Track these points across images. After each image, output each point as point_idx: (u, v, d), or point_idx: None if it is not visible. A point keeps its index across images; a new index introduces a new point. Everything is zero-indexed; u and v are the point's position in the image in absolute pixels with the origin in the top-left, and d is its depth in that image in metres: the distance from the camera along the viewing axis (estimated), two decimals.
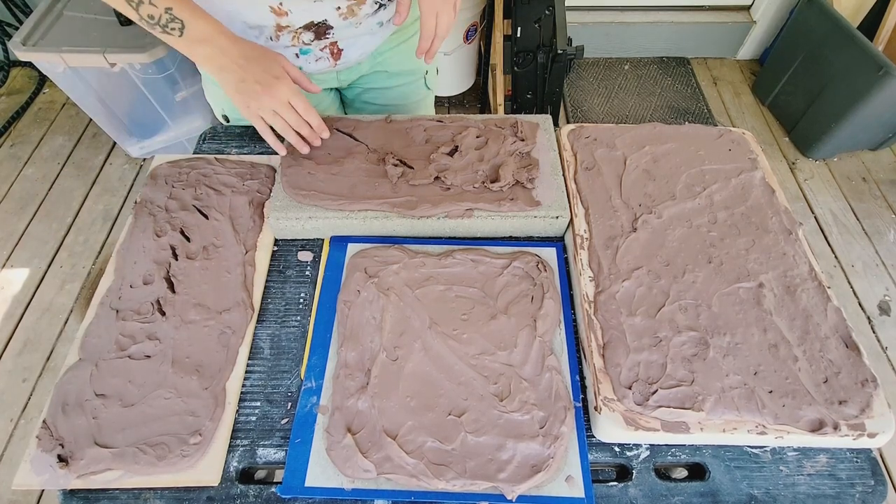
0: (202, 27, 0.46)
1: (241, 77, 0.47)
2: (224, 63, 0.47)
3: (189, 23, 0.45)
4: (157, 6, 0.43)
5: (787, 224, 0.55)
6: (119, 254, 0.55)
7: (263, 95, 0.48)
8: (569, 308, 0.53)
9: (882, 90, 1.31)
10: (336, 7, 0.55)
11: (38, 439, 0.43)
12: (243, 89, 0.48)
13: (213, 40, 0.47)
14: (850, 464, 0.45)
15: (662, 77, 1.83)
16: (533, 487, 0.42)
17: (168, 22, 0.44)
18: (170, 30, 0.45)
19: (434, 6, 0.53)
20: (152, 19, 0.44)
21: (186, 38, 0.46)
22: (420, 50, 0.57)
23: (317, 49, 0.60)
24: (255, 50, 0.49)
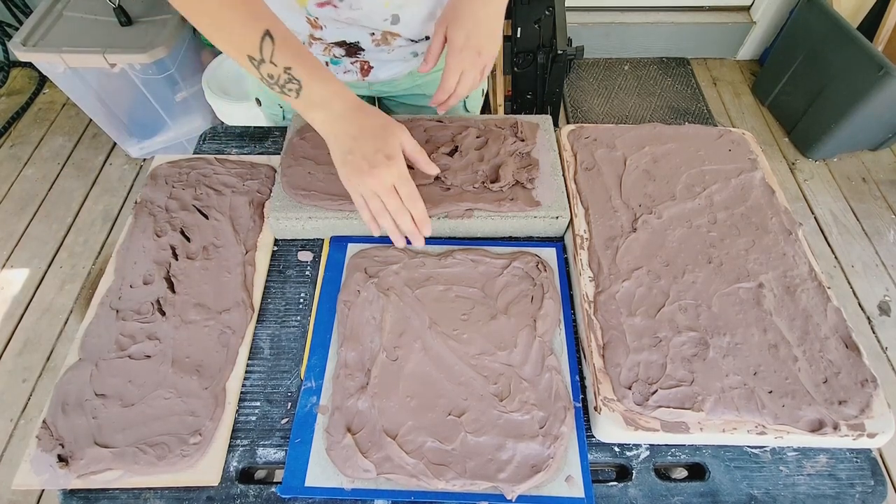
0: (319, 90, 0.43)
1: (350, 149, 0.44)
2: (336, 131, 0.44)
3: (306, 85, 0.43)
4: (276, 65, 0.41)
5: (786, 224, 0.55)
6: (119, 254, 0.55)
7: (368, 175, 0.43)
8: (569, 308, 0.53)
9: (882, 90, 1.31)
10: (370, 33, 0.55)
11: (37, 439, 0.43)
12: (349, 162, 0.44)
13: (329, 105, 0.44)
14: (849, 464, 0.45)
15: (662, 77, 1.84)
16: (533, 487, 0.42)
17: (286, 82, 0.42)
18: (287, 90, 0.43)
19: (461, 64, 0.51)
20: (272, 79, 0.42)
21: (303, 99, 0.43)
22: (434, 100, 0.56)
23: (347, 63, 0.61)
24: (374, 121, 0.45)
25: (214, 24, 0.41)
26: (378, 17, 0.53)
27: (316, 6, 0.50)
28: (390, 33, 0.55)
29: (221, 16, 0.40)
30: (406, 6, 0.52)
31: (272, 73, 0.42)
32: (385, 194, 0.44)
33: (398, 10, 0.53)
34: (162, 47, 1.18)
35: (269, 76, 0.42)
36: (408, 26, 0.55)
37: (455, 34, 0.50)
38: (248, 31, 0.41)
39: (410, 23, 0.55)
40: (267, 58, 0.41)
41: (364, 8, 0.51)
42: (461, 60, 0.51)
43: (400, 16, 0.53)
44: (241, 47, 0.41)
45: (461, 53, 0.51)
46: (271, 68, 0.41)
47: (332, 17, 0.52)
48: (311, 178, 0.57)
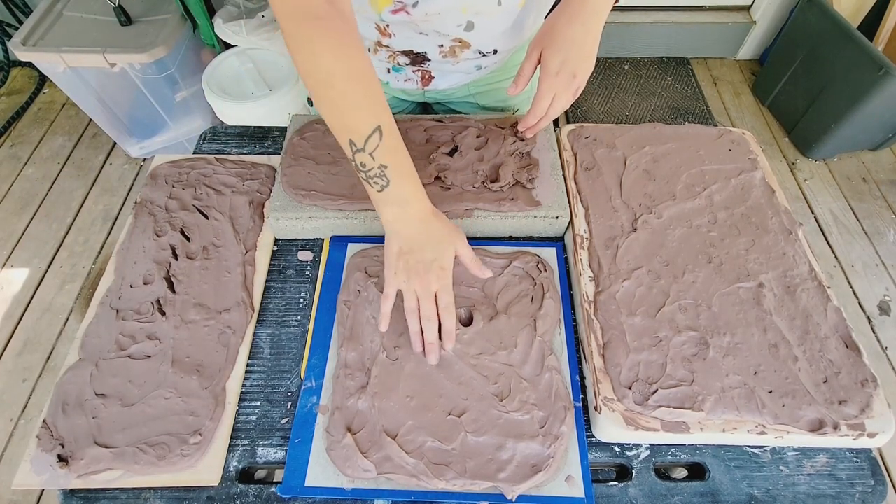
0: (402, 192, 0.44)
1: (410, 249, 0.45)
2: (401, 229, 0.45)
3: (393, 184, 0.43)
4: (374, 159, 0.42)
5: (787, 224, 0.55)
6: (119, 254, 0.55)
7: (415, 276, 0.44)
8: (569, 308, 0.53)
9: (882, 90, 1.31)
10: (439, 45, 0.55)
11: (38, 439, 0.43)
12: (403, 259, 0.45)
13: (405, 206, 0.45)
14: (849, 464, 0.45)
15: (662, 77, 1.83)
16: (533, 487, 0.42)
17: (376, 176, 0.43)
18: (372, 182, 0.43)
19: (553, 88, 0.50)
20: (363, 167, 0.43)
21: (384, 195, 0.44)
22: (524, 125, 0.56)
23: (409, 71, 0.61)
24: (439, 230, 0.46)
25: (333, 102, 0.42)
26: (452, 22, 0.52)
27: (390, 13, 0.50)
28: (459, 44, 0.55)
29: (343, 100, 0.41)
30: (483, 14, 0.52)
31: (365, 163, 0.43)
32: (425, 299, 0.45)
33: (474, 17, 0.52)
34: (162, 47, 1.18)
35: (362, 164, 0.43)
36: (480, 36, 0.54)
37: (550, 58, 0.49)
38: (362, 122, 0.41)
39: (483, 33, 0.54)
40: (369, 150, 0.42)
41: (440, 13, 0.50)
42: (555, 84, 0.50)
43: (475, 23, 0.52)
44: (348, 131, 0.42)
45: (556, 78, 0.50)
46: (367, 159, 0.42)
47: (405, 22, 0.51)
48: (311, 178, 0.57)
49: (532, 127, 0.56)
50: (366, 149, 0.42)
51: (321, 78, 0.41)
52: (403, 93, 0.68)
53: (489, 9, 0.51)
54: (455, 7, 0.50)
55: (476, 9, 0.51)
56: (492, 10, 0.51)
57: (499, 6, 0.51)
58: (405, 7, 0.49)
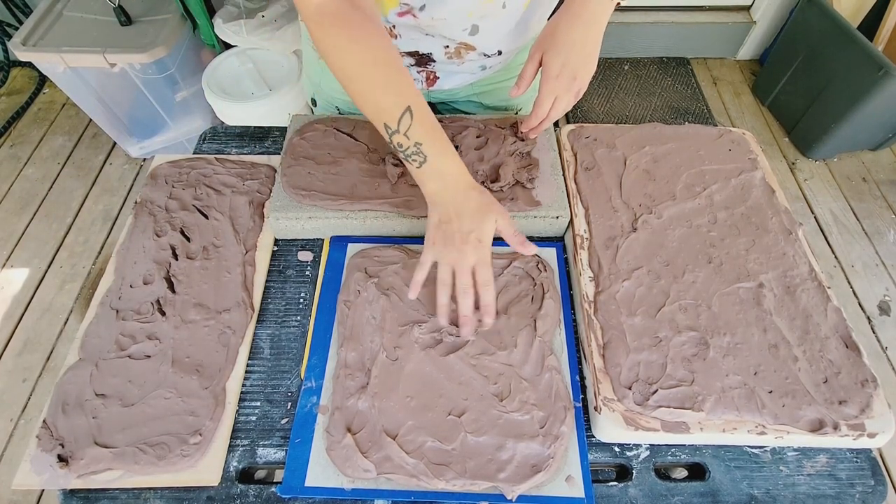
0: (440, 166, 0.46)
1: (448, 218, 0.45)
2: (444, 201, 0.46)
3: (431, 159, 0.45)
4: (409, 139, 0.44)
5: (787, 224, 0.55)
6: (119, 254, 0.55)
7: (452, 247, 0.44)
8: (569, 308, 0.53)
9: (882, 90, 1.31)
10: (444, 46, 0.55)
11: (38, 439, 0.43)
12: (442, 229, 0.45)
13: (445, 180, 0.46)
14: (849, 464, 0.45)
15: (662, 77, 1.83)
16: (533, 487, 0.42)
17: (413, 154, 0.45)
18: (411, 160, 0.45)
19: (554, 90, 0.51)
20: (400, 147, 0.45)
21: (423, 170, 0.46)
22: (526, 126, 0.56)
23: (414, 71, 0.61)
24: (479, 202, 0.46)
25: (362, 93, 0.44)
26: (458, 26, 0.52)
27: (396, 15, 0.50)
28: (465, 46, 0.55)
29: (373, 85, 0.43)
30: (487, 17, 0.52)
31: (402, 143, 0.44)
32: (462, 272, 0.45)
33: (479, 21, 0.52)
34: (162, 47, 1.18)
35: (399, 145, 0.45)
36: (485, 39, 0.55)
37: (551, 61, 0.50)
38: (392, 105, 0.43)
39: (488, 36, 0.54)
40: (402, 130, 0.44)
41: (447, 17, 0.50)
42: (556, 87, 0.51)
43: (480, 27, 0.53)
44: (381, 116, 0.44)
45: (556, 80, 0.50)
46: (403, 139, 0.44)
47: (411, 25, 0.52)
48: (311, 178, 0.57)
49: (534, 128, 0.57)
50: (400, 129, 0.43)
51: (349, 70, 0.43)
52: None
53: (494, 12, 0.51)
54: (461, 12, 0.50)
55: (481, 12, 0.51)
56: (496, 13, 0.52)
57: (503, 8, 0.51)
58: (411, 10, 0.50)
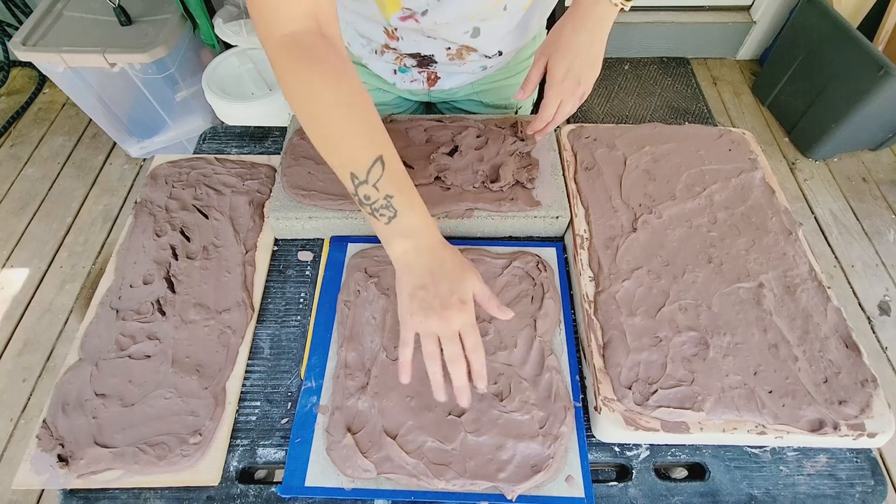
0: (412, 222, 0.41)
1: (424, 284, 0.40)
2: (415, 263, 0.41)
3: (401, 214, 0.40)
4: (378, 190, 0.39)
5: (787, 224, 0.55)
6: (119, 254, 0.55)
7: (437, 315, 0.40)
8: (569, 308, 0.52)
9: (882, 90, 1.31)
10: (446, 48, 0.55)
11: (38, 439, 0.43)
12: (419, 297, 0.40)
13: (416, 237, 0.41)
14: (849, 464, 0.45)
15: (662, 77, 1.83)
16: (533, 487, 0.42)
17: (381, 207, 0.40)
18: (379, 215, 0.40)
19: (560, 94, 0.51)
20: (367, 199, 0.40)
21: (392, 227, 0.41)
22: (531, 129, 0.57)
23: (415, 72, 0.61)
24: (453, 261, 0.42)
25: (328, 137, 0.40)
26: (459, 29, 0.52)
27: (398, 19, 0.50)
28: (467, 48, 0.55)
29: (341, 132, 0.39)
30: (489, 20, 0.52)
31: (369, 195, 0.40)
32: (448, 339, 0.40)
33: (480, 24, 0.52)
34: (162, 47, 1.18)
35: (366, 197, 0.40)
36: (486, 41, 0.55)
37: (556, 66, 0.50)
38: (361, 153, 0.39)
39: (489, 37, 0.55)
40: (371, 181, 0.39)
41: (449, 22, 0.50)
42: (561, 91, 0.51)
43: (481, 29, 0.53)
44: (348, 165, 0.40)
45: (562, 84, 0.50)
46: (372, 191, 0.40)
47: (413, 29, 0.52)
48: (311, 178, 0.57)
49: (539, 131, 0.57)
50: (369, 180, 0.39)
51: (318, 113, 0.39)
52: (409, 93, 0.68)
53: (495, 14, 0.51)
54: (463, 15, 0.50)
55: (483, 15, 0.51)
56: (498, 15, 0.52)
57: (504, 10, 0.51)
58: (414, 14, 0.49)
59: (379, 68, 0.62)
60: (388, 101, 0.70)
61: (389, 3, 0.48)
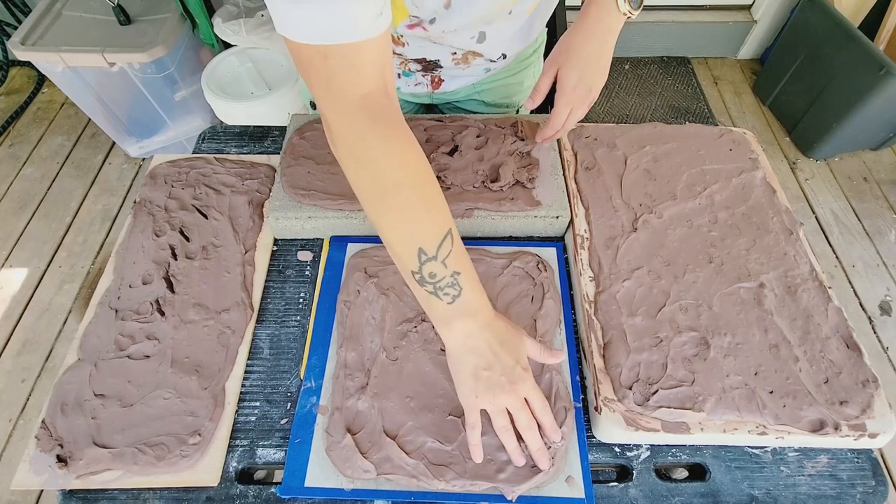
0: (474, 300, 0.39)
1: (490, 364, 0.39)
2: (478, 344, 0.39)
3: (465, 293, 0.38)
4: (446, 267, 0.37)
5: (787, 224, 0.55)
6: (118, 254, 0.55)
7: (503, 392, 0.39)
8: (569, 308, 0.52)
9: (883, 90, 1.31)
10: (452, 52, 0.55)
11: (36, 439, 0.43)
12: (486, 378, 0.39)
13: (478, 316, 0.39)
14: (850, 464, 0.45)
15: (663, 76, 1.83)
16: (533, 488, 0.42)
17: (447, 286, 0.37)
18: (442, 294, 0.38)
19: (570, 102, 0.51)
20: (432, 278, 0.37)
21: (455, 306, 0.38)
22: (540, 136, 0.57)
23: (419, 76, 0.61)
24: (507, 331, 0.41)
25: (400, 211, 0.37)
26: (466, 35, 0.52)
27: (405, 27, 0.50)
28: (472, 53, 0.55)
29: (413, 204, 0.37)
30: (494, 22, 0.52)
31: (435, 273, 0.37)
32: (518, 409, 0.39)
33: (485, 27, 0.52)
34: (161, 46, 1.18)
35: (431, 275, 0.37)
36: (491, 45, 0.55)
37: (567, 75, 0.50)
38: (433, 228, 0.37)
39: (494, 41, 0.55)
40: (441, 257, 0.37)
41: (456, 29, 0.50)
42: (572, 99, 0.51)
43: (486, 33, 0.53)
44: (417, 240, 0.37)
45: (573, 93, 0.51)
46: (439, 268, 0.37)
47: (420, 36, 0.52)
48: (310, 178, 0.57)
49: (547, 138, 0.57)
50: (438, 256, 0.37)
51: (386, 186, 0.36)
52: (412, 96, 0.68)
53: (500, 18, 0.51)
54: (471, 22, 0.50)
55: (488, 19, 0.51)
56: (503, 19, 0.52)
57: (510, 15, 0.51)
58: (422, 23, 0.49)
59: None
60: None
61: (397, 12, 0.48)
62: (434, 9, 0.47)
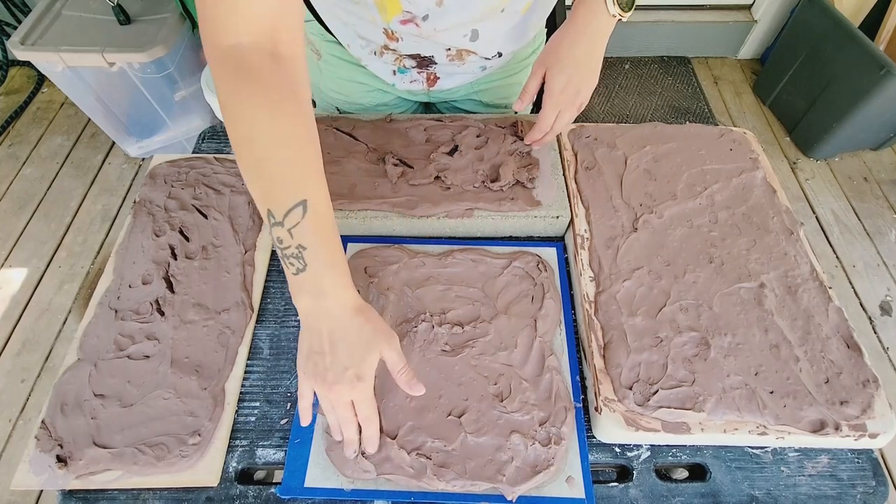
0: (319, 281, 0.37)
1: (320, 350, 0.38)
2: (314, 324, 0.38)
3: (310, 270, 0.37)
4: (292, 237, 0.36)
5: (788, 224, 0.55)
6: (118, 254, 0.55)
7: (324, 384, 0.38)
8: (569, 308, 0.52)
9: (883, 90, 1.31)
10: (446, 49, 0.55)
11: (36, 440, 0.43)
12: (313, 360, 0.38)
13: (322, 298, 0.38)
14: (851, 464, 0.45)
15: (663, 76, 1.83)
16: (533, 488, 0.42)
17: (291, 256, 0.37)
18: (288, 263, 0.37)
19: (558, 105, 0.51)
20: (280, 242, 0.37)
21: (298, 279, 0.37)
22: (529, 138, 0.57)
23: (414, 73, 0.61)
24: (361, 333, 0.39)
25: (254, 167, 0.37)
26: (459, 33, 0.53)
27: (398, 23, 0.50)
28: (466, 51, 0.55)
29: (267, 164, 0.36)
30: (486, 20, 0.52)
31: (282, 239, 0.37)
32: (339, 406, 0.39)
33: (478, 26, 0.52)
34: (161, 46, 1.18)
35: (279, 239, 0.37)
36: (484, 43, 0.55)
37: (555, 77, 0.50)
38: (284, 191, 0.36)
39: (487, 40, 0.55)
40: (287, 225, 0.36)
41: (448, 28, 0.51)
42: (560, 101, 0.51)
43: (479, 31, 0.53)
44: (267, 200, 0.36)
45: (560, 96, 0.51)
46: (284, 235, 0.36)
47: (413, 32, 0.52)
48: None
49: (537, 140, 0.57)
50: (285, 223, 0.36)
51: (244, 137, 0.36)
52: (408, 93, 0.68)
53: (492, 16, 0.51)
54: (463, 21, 0.50)
55: (481, 17, 0.51)
56: (495, 17, 0.52)
57: (502, 13, 0.51)
58: (415, 19, 0.49)
59: (378, 69, 0.62)
60: (387, 102, 0.69)
61: (390, 6, 0.48)
62: (427, 6, 0.47)
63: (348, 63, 0.63)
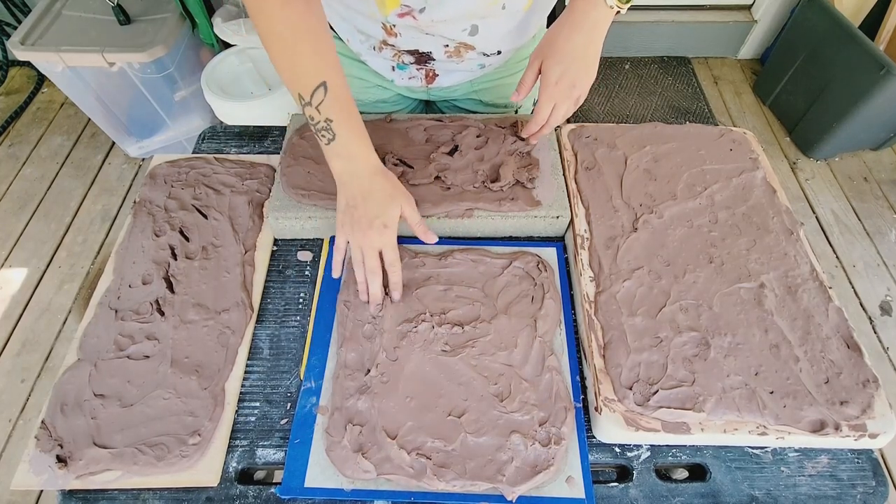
0: (348, 147, 0.46)
1: (355, 204, 0.47)
2: (348, 182, 0.48)
3: (339, 138, 0.46)
4: (320, 112, 0.45)
5: (788, 224, 0.55)
6: (118, 254, 0.55)
7: (358, 231, 0.47)
8: (569, 308, 0.52)
9: (883, 90, 1.31)
10: (444, 45, 0.55)
11: (36, 440, 0.43)
12: (348, 213, 0.48)
13: (352, 161, 0.47)
14: (851, 464, 0.45)
15: (663, 76, 1.83)
16: (533, 488, 0.42)
17: (323, 129, 0.46)
18: (321, 135, 0.46)
19: (553, 97, 0.51)
20: (311, 120, 0.45)
21: (331, 148, 0.46)
22: (526, 131, 0.57)
23: (413, 69, 0.61)
24: (385, 188, 0.48)
25: (283, 59, 0.44)
26: (457, 27, 0.53)
27: (396, 16, 0.51)
28: (465, 46, 0.55)
29: (294, 53, 0.43)
30: (487, 18, 0.52)
31: (312, 116, 0.45)
32: (369, 254, 0.47)
33: (479, 22, 0.52)
34: (161, 46, 1.18)
35: (310, 117, 0.45)
36: (484, 39, 0.55)
37: (551, 69, 0.50)
38: (307, 76, 0.44)
39: (487, 36, 0.55)
40: (314, 104, 0.44)
41: (446, 19, 0.51)
42: (554, 94, 0.51)
43: (479, 27, 0.53)
44: (296, 85, 0.44)
45: (555, 88, 0.50)
46: (314, 112, 0.45)
47: (411, 26, 0.52)
48: (310, 178, 0.57)
49: (534, 134, 0.57)
50: (312, 102, 0.44)
51: (273, 35, 0.43)
52: (408, 90, 0.68)
53: (494, 13, 0.51)
54: (461, 14, 0.50)
55: (481, 13, 0.51)
56: (496, 14, 0.52)
57: (503, 10, 0.51)
58: (412, 11, 0.50)
59: (377, 65, 0.62)
60: (387, 98, 0.69)
61: (388, 0, 0.48)
62: None
63: (348, 59, 0.63)
